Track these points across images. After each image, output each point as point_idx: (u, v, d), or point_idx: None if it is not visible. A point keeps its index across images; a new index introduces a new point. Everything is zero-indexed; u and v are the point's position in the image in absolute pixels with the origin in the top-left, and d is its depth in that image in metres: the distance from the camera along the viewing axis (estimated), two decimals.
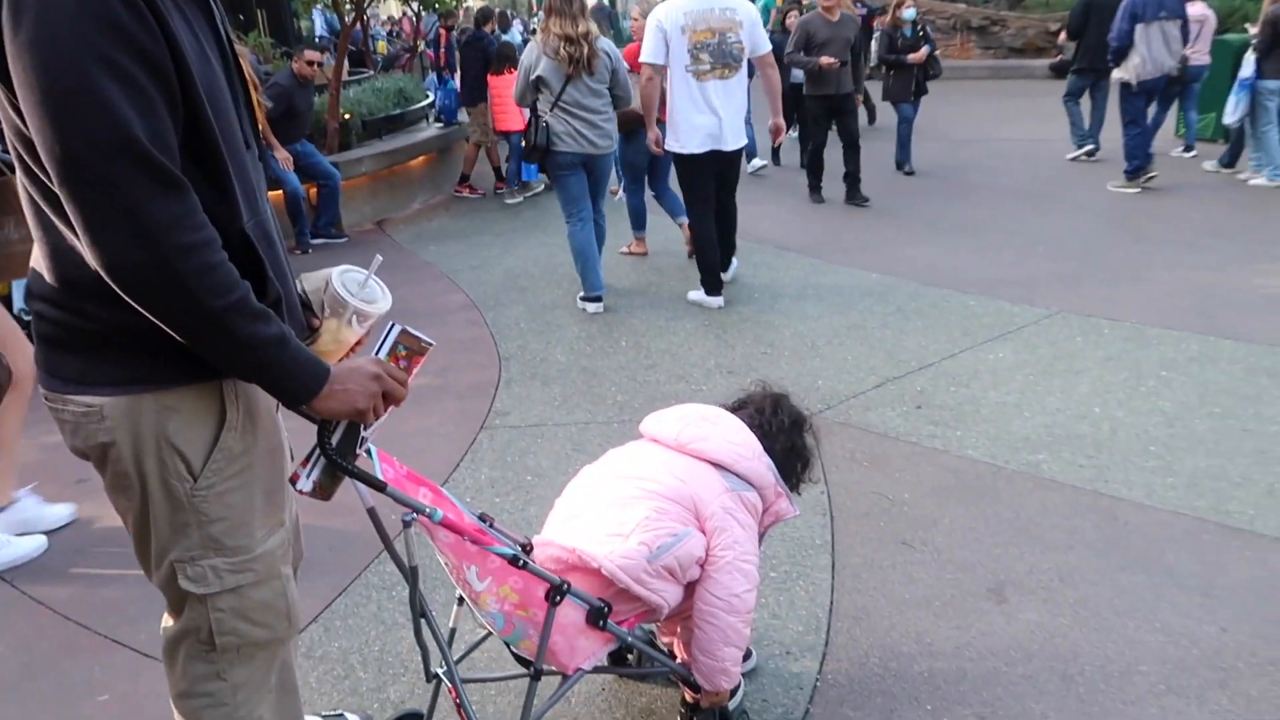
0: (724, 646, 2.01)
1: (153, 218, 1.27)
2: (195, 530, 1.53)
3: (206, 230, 1.33)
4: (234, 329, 1.35)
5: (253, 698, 1.69)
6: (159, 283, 1.30)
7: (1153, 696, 2.34)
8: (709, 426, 2.13)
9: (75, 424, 1.48)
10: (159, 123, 1.28)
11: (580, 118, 5.22)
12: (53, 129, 1.22)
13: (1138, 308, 5.21)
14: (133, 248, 1.27)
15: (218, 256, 1.34)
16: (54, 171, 1.25)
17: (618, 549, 1.92)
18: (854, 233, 7.20)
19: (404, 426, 4.03)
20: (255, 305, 1.38)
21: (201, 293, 1.31)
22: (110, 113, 1.23)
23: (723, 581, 1.99)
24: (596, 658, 2.00)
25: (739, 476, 2.07)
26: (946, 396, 4.17)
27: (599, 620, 1.93)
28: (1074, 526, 3.11)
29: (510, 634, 1.91)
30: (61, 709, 2.44)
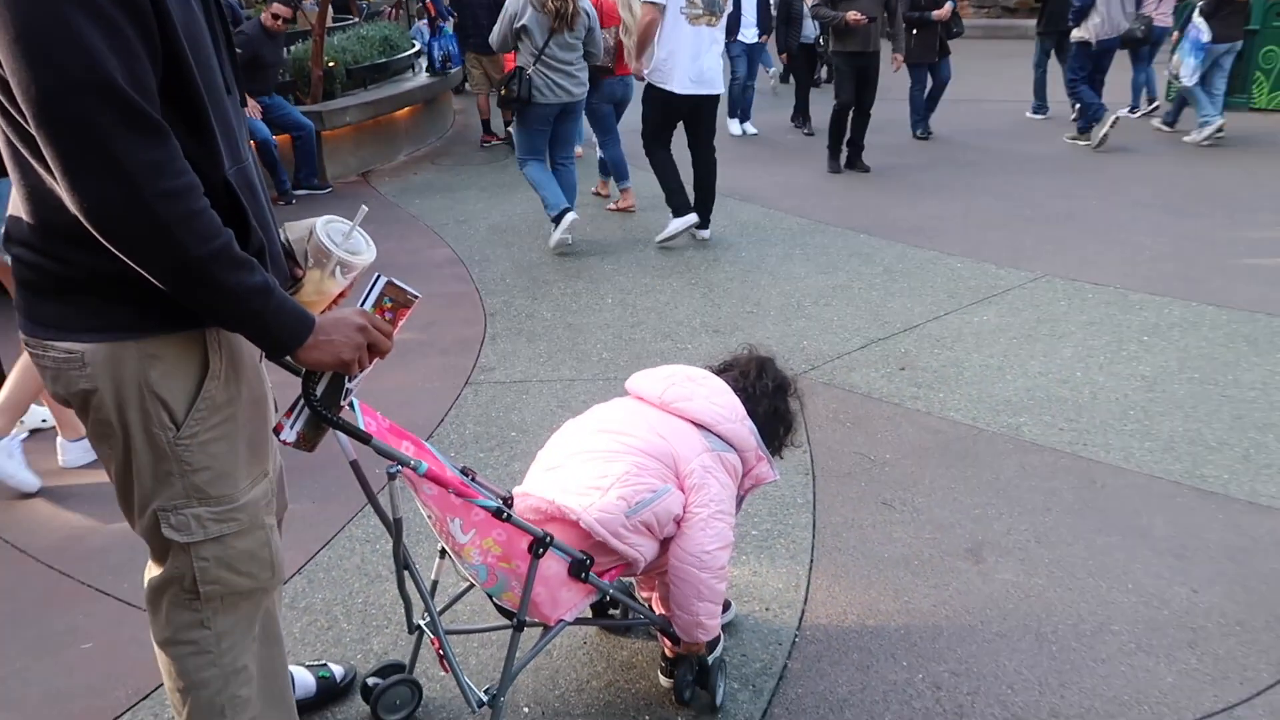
0: (697, 601, 2.04)
1: (133, 163, 1.24)
2: (178, 479, 1.53)
3: (188, 176, 1.31)
4: (217, 278, 1.34)
5: (236, 646, 1.70)
6: (140, 230, 1.28)
7: (1123, 655, 2.39)
8: (693, 387, 2.14)
9: (56, 370, 1.46)
10: (137, 65, 1.25)
11: (560, 70, 5.54)
12: (28, 69, 1.19)
13: (1122, 272, 5.23)
14: (112, 193, 1.25)
15: (200, 203, 1.32)
16: (30, 113, 1.22)
17: (596, 502, 1.94)
18: (842, 193, 7.17)
19: (388, 381, 4.02)
20: (239, 254, 1.36)
21: (184, 240, 1.29)
22: (87, 53, 1.20)
23: (694, 538, 2.01)
24: (578, 609, 2.03)
25: (720, 438, 2.08)
26: (930, 358, 4.19)
27: (581, 572, 1.95)
28: (1052, 489, 3.15)
29: (493, 586, 1.93)
30: (45, 657, 2.45)
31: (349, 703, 2.26)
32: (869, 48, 7.40)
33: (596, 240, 6.11)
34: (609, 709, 2.24)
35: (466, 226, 6.50)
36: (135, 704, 2.28)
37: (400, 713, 2.19)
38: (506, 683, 1.97)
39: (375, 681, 2.18)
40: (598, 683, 2.32)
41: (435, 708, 2.24)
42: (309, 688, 2.21)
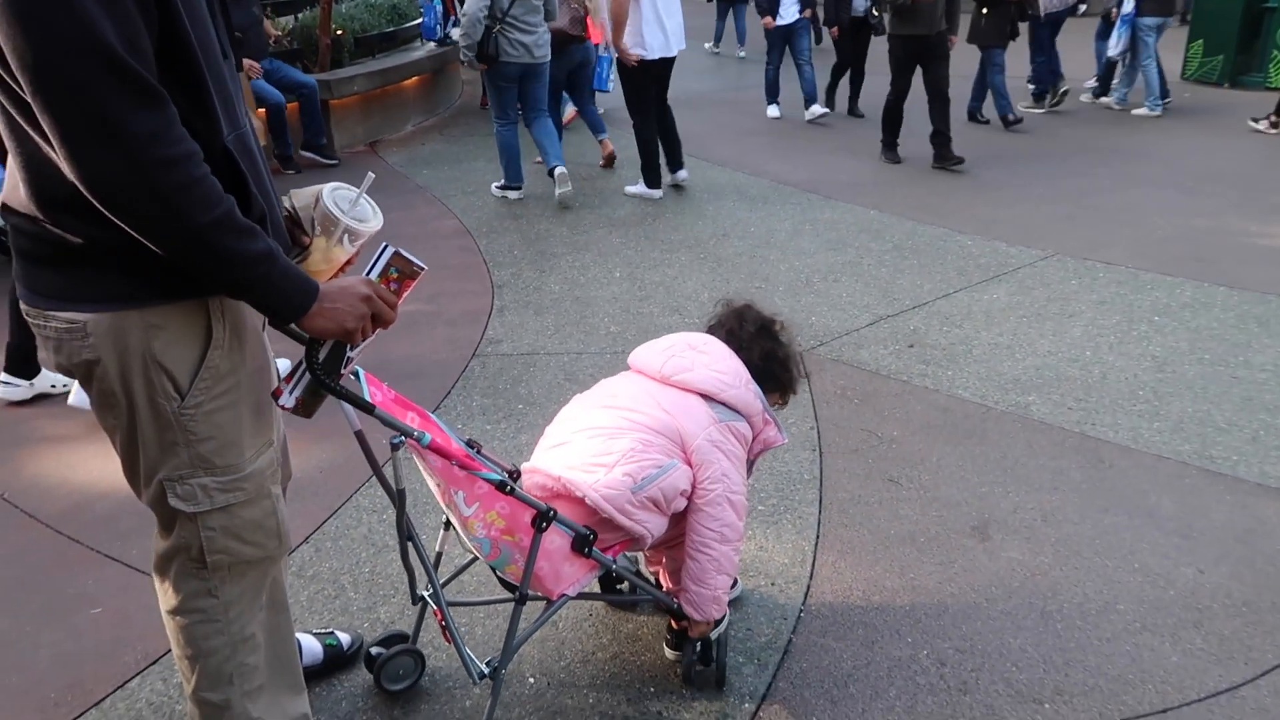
0: (717, 575, 2.04)
1: (131, 130, 1.22)
2: (184, 449, 1.53)
3: (188, 143, 1.29)
4: (220, 245, 1.32)
5: (244, 614, 1.70)
6: (140, 198, 1.26)
7: (1128, 634, 2.39)
8: (694, 356, 2.12)
9: (59, 341, 1.45)
10: (134, 30, 1.23)
11: (524, 30, 5.97)
12: (22, 35, 1.17)
13: (1133, 252, 5.19)
14: (111, 161, 1.23)
15: (200, 170, 1.30)
16: (25, 80, 1.20)
17: (601, 479, 1.93)
18: (850, 169, 7.12)
19: (395, 352, 4.02)
20: (241, 221, 1.35)
21: (185, 208, 1.28)
22: (83, 19, 1.17)
23: (714, 514, 2.01)
24: (581, 584, 2.03)
25: (726, 405, 2.07)
26: (939, 336, 4.17)
27: (584, 547, 1.95)
28: (1060, 468, 3.14)
29: (496, 559, 1.93)
30: (54, 621, 2.47)
31: (356, 671, 2.27)
32: (934, 29, 6.78)
33: (605, 213, 6.07)
34: (614, 680, 2.25)
35: (474, 197, 6.47)
36: (144, 669, 2.29)
37: (403, 682, 2.20)
38: (508, 656, 1.98)
39: (379, 651, 2.19)
40: (603, 654, 2.33)
41: (440, 678, 2.25)
42: (316, 655, 2.23)
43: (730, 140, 8.12)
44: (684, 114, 9.18)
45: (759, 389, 2.13)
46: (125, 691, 2.23)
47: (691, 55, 13.37)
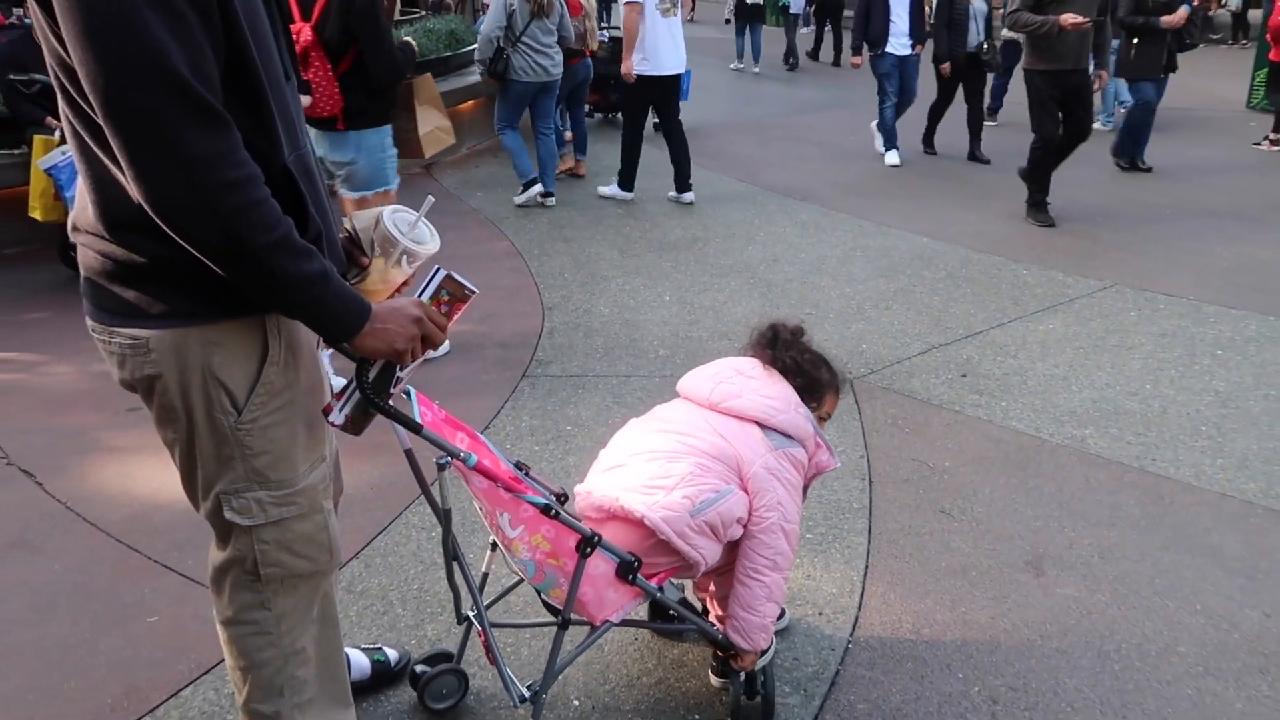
0: (766, 602, 2.02)
1: (195, 153, 1.26)
2: (240, 463, 1.56)
3: (250, 166, 1.32)
4: (277, 266, 1.35)
5: (296, 628, 1.73)
6: (202, 219, 1.30)
7: (1190, 678, 2.32)
8: (742, 381, 2.11)
9: (122, 356, 1.49)
10: (200, 55, 1.27)
11: (539, 51, 6.47)
12: (94, 60, 1.21)
13: (1195, 283, 5.07)
14: (176, 184, 1.27)
15: (261, 193, 1.33)
16: (96, 103, 1.24)
17: (660, 500, 1.92)
18: (903, 196, 7.07)
19: (446, 372, 4.07)
20: (298, 242, 1.38)
21: (245, 230, 1.31)
22: (152, 45, 1.21)
23: (768, 541, 1.99)
24: (625, 611, 2.01)
25: (778, 431, 2.05)
26: (993, 366, 4.10)
27: (628, 574, 1.94)
28: (1117, 503, 3.06)
29: (541, 582, 1.93)
30: (112, 628, 2.53)
31: (402, 687, 2.28)
32: (1080, 64, 5.95)
33: (655, 237, 6.10)
34: (659, 706, 2.23)
35: (526, 220, 6.54)
36: (197, 678, 2.33)
37: (446, 701, 2.21)
38: (549, 680, 1.97)
39: (423, 669, 2.20)
40: (648, 679, 2.32)
41: (484, 698, 2.25)
42: (364, 670, 2.24)
43: (782, 166, 8.11)
44: (736, 139, 9.24)
45: (808, 411, 2.11)
46: (179, 700, 2.27)
47: (736, 80, 13.44)
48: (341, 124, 3.71)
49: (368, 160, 3.79)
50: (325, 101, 3.62)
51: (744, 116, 10.54)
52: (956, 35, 7.93)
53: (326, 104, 3.63)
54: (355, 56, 3.62)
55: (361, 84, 3.66)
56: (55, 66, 1.32)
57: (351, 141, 3.74)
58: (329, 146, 3.79)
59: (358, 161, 3.78)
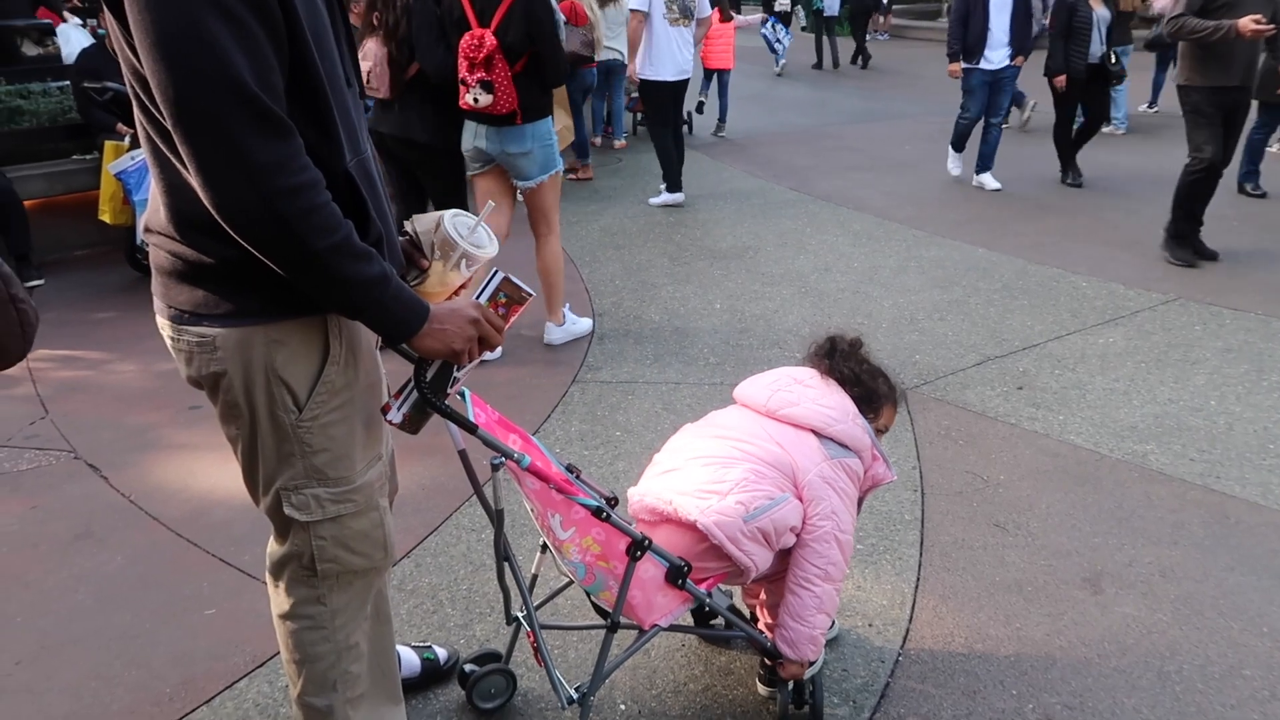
0: (817, 613, 2.00)
1: (259, 160, 1.29)
2: (300, 460, 1.59)
3: (311, 172, 1.35)
4: (337, 268, 1.38)
5: (350, 623, 1.75)
6: (266, 224, 1.33)
7: (1256, 702, 2.24)
8: (800, 390, 2.10)
9: (190, 354, 1.53)
10: (265, 64, 1.30)
11: None
12: (165, 70, 1.25)
13: (1263, 297, 4.92)
14: (241, 189, 1.30)
15: (322, 198, 1.37)
16: (166, 111, 1.28)
17: (714, 505, 1.92)
18: (958, 206, 6.97)
19: (498, 375, 4.10)
20: (358, 245, 1.41)
21: (306, 234, 1.34)
22: (218, 55, 1.25)
23: (821, 551, 1.98)
24: (674, 616, 2.01)
25: (835, 441, 2.04)
26: (1050, 379, 4.02)
27: (678, 579, 1.93)
28: (1180, 521, 2.98)
29: (591, 584, 1.93)
30: (171, 619, 2.59)
31: (450, 685, 2.30)
32: (1246, 80, 5.25)
33: (706, 245, 6.10)
34: (705, 713, 2.22)
35: (579, 227, 6.58)
36: (253, 670, 2.38)
37: (494, 701, 2.22)
38: (597, 682, 1.97)
39: (472, 669, 2.22)
40: (695, 686, 2.31)
41: (531, 699, 2.27)
42: (414, 667, 2.27)
43: (834, 175, 8.06)
44: (787, 148, 9.21)
45: (866, 423, 2.09)
46: (234, 691, 2.32)
47: (788, 90, 13.39)
48: (520, 119, 4.00)
49: (541, 148, 4.13)
50: (505, 99, 3.90)
51: (795, 126, 10.49)
52: (1077, 46, 7.10)
53: (506, 102, 3.91)
54: (529, 60, 3.92)
55: (535, 82, 3.98)
56: (130, 75, 1.37)
57: (528, 133, 4.05)
58: (507, 140, 4.06)
59: (533, 150, 4.10)
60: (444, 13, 3.94)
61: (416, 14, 3.95)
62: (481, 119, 4.03)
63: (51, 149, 6.20)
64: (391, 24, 4.00)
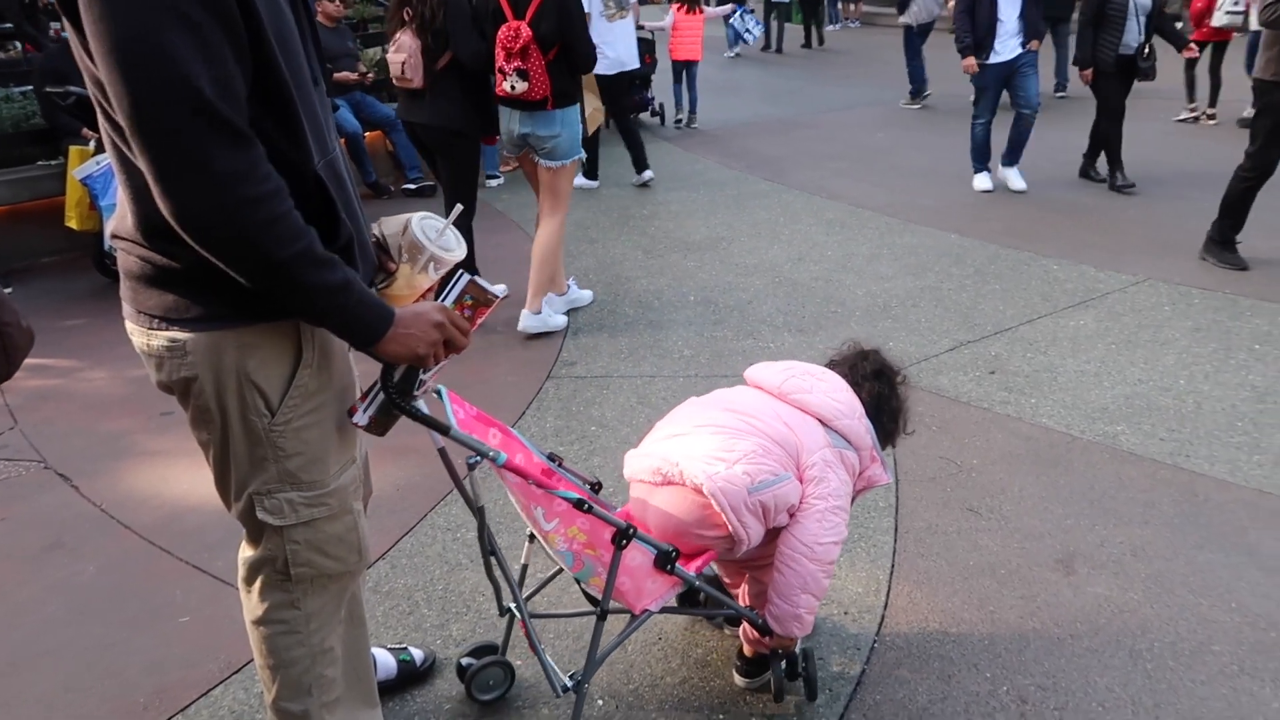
0: (801, 593, 2.02)
1: (218, 170, 1.28)
2: (273, 464, 1.58)
3: (273, 181, 1.34)
4: (299, 277, 1.38)
5: (324, 627, 1.75)
6: (225, 234, 1.32)
7: (1224, 677, 2.28)
8: (814, 381, 2.14)
9: (160, 359, 1.52)
10: (225, 73, 1.28)
11: None
12: (121, 80, 1.23)
13: (1230, 277, 4.98)
14: (199, 199, 1.29)
15: (283, 206, 1.35)
16: (124, 122, 1.26)
17: (722, 472, 1.94)
18: (930, 192, 7.01)
19: (471, 374, 4.09)
20: (320, 253, 1.40)
21: (267, 243, 1.33)
22: (175, 63, 1.23)
23: (809, 527, 2.00)
24: (664, 600, 2.03)
25: (839, 434, 2.08)
26: (1022, 363, 4.06)
27: (666, 564, 1.95)
28: (1151, 500, 3.02)
29: (580, 570, 1.96)
30: (146, 628, 2.57)
31: (428, 686, 2.30)
32: None
33: (679, 238, 6.10)
34: (683, 705, 2.23)
35: None
36: (227, 677, 2.37)
37: (493, 693, 2.24)
38: (590, 670, 1.99)
39: (469, 662, 2.25)
40: (672, 679, 2.32)
41: (527, 687, 2.29)
42: (390, 669, 2.27)
43: (807, 165, 8.08)
44: (761, 138, 9.22)
45: (870, 425, 2.13)
46: (209, 699, 2.30)
47: (762, 79, 13.40)
48: (551, 104, 4.24)
49: (569, 132, 4.36)
50: (539, 86, 4.17)
51: (768, 115, 10.50)
52: (1109, 35, 6.38)
53: (540, 88, 4.18)
54: (560, 49, 4.18)
55: (566, 70, 4.25)
56: (91, 82, 1.35)
57: (558, 118, 4.30)
58: (538, 124, 4.31)
59: (562, 134, 4.33)
60: (479, 5, 4.27)
61: (451, 6, 4.24)
62: (516, 104, 4.29)
63: (16, 155, 6.12)
64: (427, 17, 4.27)
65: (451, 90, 4.39)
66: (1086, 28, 6.49)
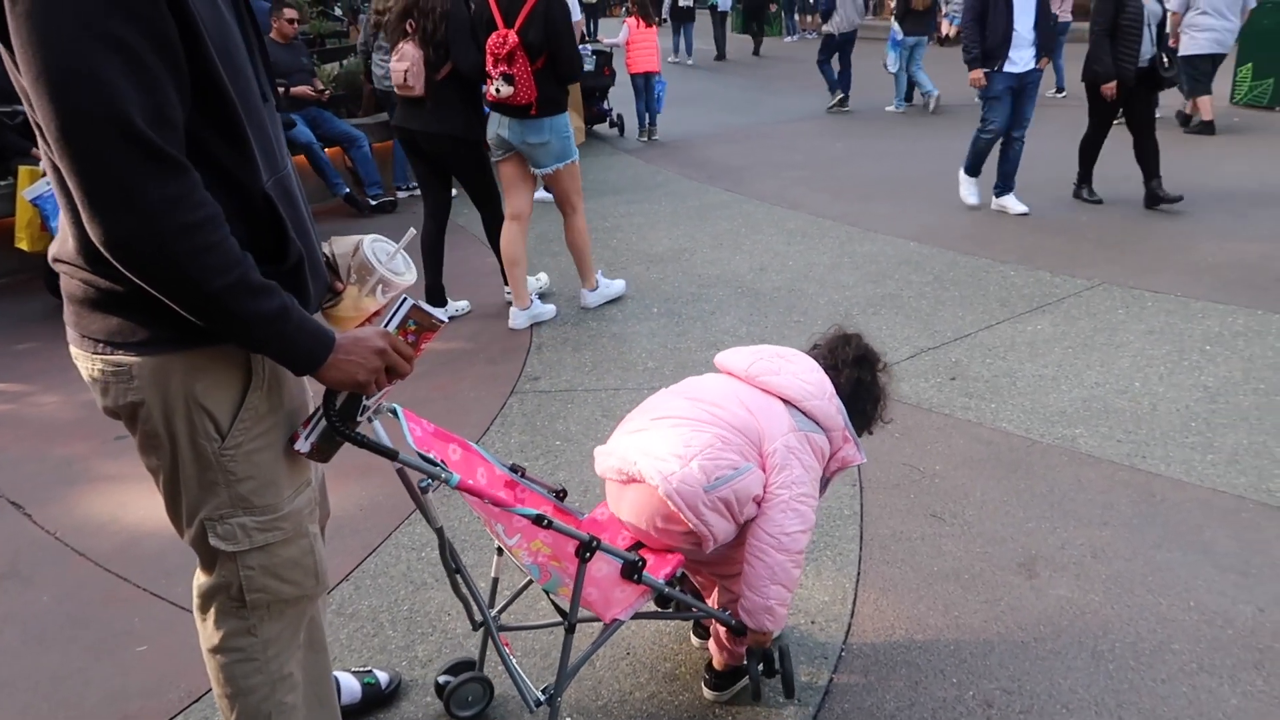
0: (770, 584, 2.00)
1: (148, 198, 1.25)
2: (224, 489, 1.55)
3: (206, 209, 1.31)
4: (233, 307, 1.35)
5: (283, 653, 1.72)
6: (156, 263, 1.29)
7: (1184, 675, 2.31)
8: (782, 363, 2.13)
9: (106, 384, 1.49)
10: (160, 99, 1.26)
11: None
12: (49, 106, 1.21)
13: (1183, 279, 5.09)
14: (128, 228, 1.26)
15: (216, 235, 1.32)
16: (53, 149, 1.24)
17: (677, 471, 1.93)
18: (889, 200, 7.09)
19: (435, 389, 4.06)
20: (255, 281, 1.37)
21: (199, 273, 1.31)
22: (105, 90, 1.20)
23: (775, 519, 1.98)
24: (635, 607, 2.01)
25: (807, 415, 2.05)
26: (982, 368, 4.11)
27: (633, 575, 1.94)
28: (1109, 502, 3.06)
29: (547, 582, 1.95)
30: (102, 657, 2.51)
31: (394, 709, 2.27)
32: None
33: (641, 250, 6.11)
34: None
35: None
36: (188, 706, 2.32)
37: (472, 709, 2.23)
38: (563, 683, 1.98)
39: (446, 679, 2.23)
40: (640, 694, 2.31)
41: (498, 705, 2.27)
42: (354, 693, 2.23)
43: (768, 175, 8.14)
44: (719, 149, 9.27)
45: (842, 405, 2.11)
46: None
47: (723, 90, 13.49)
48: (535, 110, 4.44)
49: (558, 139, 4.56)
50: (525, 91, 4.36)
51: (729, 126, 10.58)
52: (1125, 47, 6.12)
53: (525, 93, 4.36)
54: (547, 58, 4.37)
55: (551, 78, 4.45)
56: (28, 106, 1.32)
57: (545, 125, 4.50)
58: (528, 131, 4.51)
59: (551, 141, 4.54)
60: (475, 16, 4.47)
61: (452, 20, 4.43)
62: (504, 110, 4.50)
63: None
64: (429, 30, 4.44)
65: (451, 99, 4.57)
66: (1102, 39, 6.17)
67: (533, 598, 2.53)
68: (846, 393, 2.15)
